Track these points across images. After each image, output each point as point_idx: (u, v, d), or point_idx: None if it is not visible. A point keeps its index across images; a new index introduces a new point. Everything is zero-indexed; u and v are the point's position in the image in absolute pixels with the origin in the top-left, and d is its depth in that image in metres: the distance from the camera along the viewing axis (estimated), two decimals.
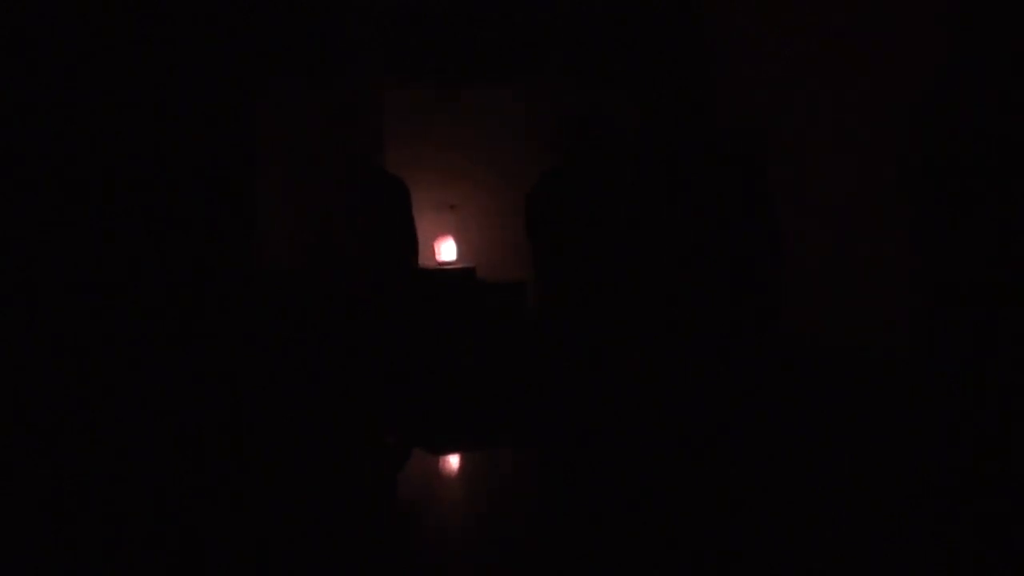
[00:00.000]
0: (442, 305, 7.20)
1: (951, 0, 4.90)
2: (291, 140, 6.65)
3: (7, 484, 4.41)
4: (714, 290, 5.97)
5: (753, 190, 5.85)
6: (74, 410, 4.69)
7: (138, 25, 4.95)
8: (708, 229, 5.98)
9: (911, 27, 6.75)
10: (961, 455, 4.66)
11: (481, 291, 7.40)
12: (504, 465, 5.71)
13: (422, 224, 6.44)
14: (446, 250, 7.50)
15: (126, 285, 4.92)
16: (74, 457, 4.66)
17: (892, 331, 6.77)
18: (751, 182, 5.90)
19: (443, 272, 7.42)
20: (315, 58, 6.76)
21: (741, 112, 6.81)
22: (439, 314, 7.09)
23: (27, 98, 4.70)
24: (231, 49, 5.33)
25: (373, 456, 5.49)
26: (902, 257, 6.83)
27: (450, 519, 4.93)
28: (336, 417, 5.71)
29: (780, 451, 5.48)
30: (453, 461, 5.66)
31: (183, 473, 4.83)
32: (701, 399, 5.81)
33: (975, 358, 4.67)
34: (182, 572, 4.18)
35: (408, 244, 5.84)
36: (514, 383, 6.15)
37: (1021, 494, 4.05)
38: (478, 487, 5.41)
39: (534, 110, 7.55)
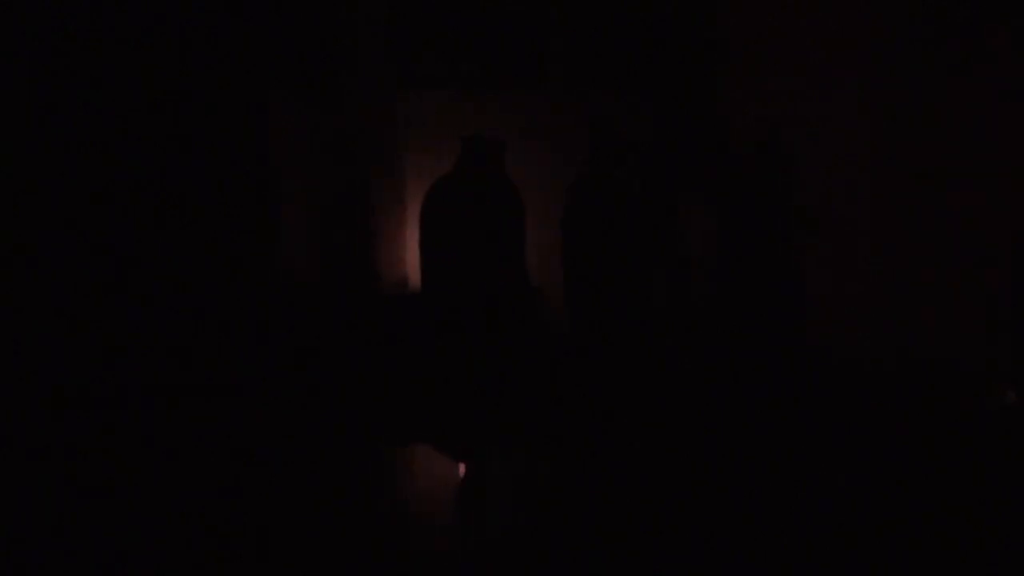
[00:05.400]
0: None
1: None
2: (308, 150, 6.68)
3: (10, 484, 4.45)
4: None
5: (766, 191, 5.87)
6: (85, 409, 4.73)
7: (156, 38, 5.01)
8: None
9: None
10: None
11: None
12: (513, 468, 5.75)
13: None
14: None
15: (148, 289, 4.98)
16: (80, 456, 4.70)
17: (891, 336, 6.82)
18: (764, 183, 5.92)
19: None
20: (325, 66, 6.80)
21: (751, 112, 6.84)
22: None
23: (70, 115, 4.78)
24: (244, 60, 5.38)
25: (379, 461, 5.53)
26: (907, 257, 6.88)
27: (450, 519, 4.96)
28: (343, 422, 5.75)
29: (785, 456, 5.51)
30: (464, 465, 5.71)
31: (189, 476, 4.88)
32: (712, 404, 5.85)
33: None
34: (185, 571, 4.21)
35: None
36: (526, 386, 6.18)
37: None
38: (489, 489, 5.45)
39: (559, 115, 7.53)
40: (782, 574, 4.15)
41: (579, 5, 7.49)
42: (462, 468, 5.53)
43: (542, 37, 7.55)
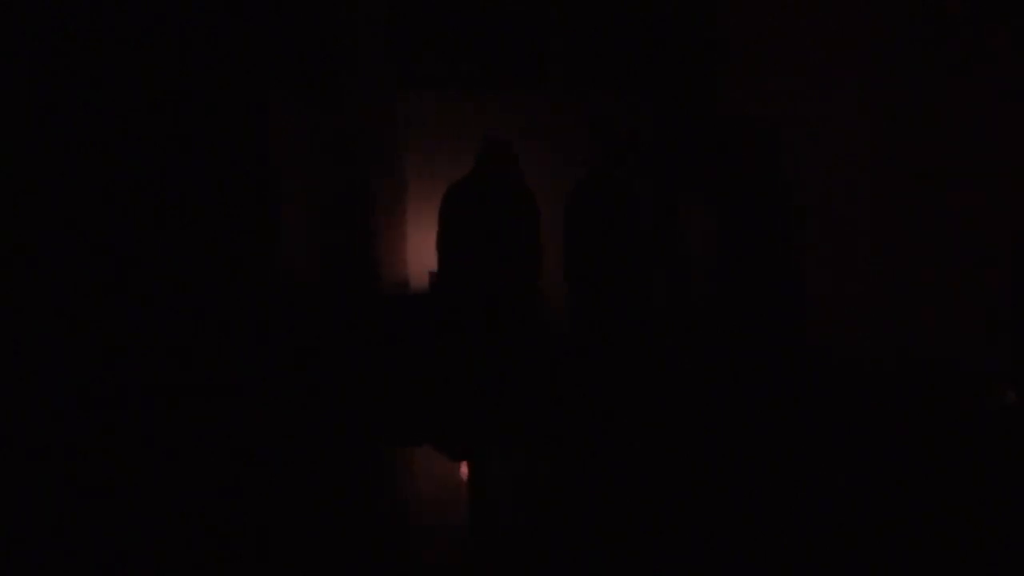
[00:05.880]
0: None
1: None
2: (308, 150, 6.68)
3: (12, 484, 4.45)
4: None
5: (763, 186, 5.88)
6: (85, 409, 4.73)
7: (157, 40, 5.02)
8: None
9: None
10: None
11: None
12: (514, 468, 5.75)
13: None
14: None
15: (148, 289, 4.98)
16: (80, 456, 4.70)
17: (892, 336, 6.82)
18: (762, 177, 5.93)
19: None
20: (325, 66, 6.80)
21: (751, 112, 6.84)
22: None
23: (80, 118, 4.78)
24: (244, 59, 5.38)
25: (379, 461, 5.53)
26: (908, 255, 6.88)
27: (454, 520, 4.96)
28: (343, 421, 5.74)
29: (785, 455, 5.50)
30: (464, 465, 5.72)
31: (189, 475, 4.87)
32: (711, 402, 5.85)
33: None
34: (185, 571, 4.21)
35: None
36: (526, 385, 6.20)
37: None
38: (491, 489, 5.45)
39: (559, 115, 7.54)
40: (782, 574, 4.15)
41: (579, 5, 7.49)
42: (463, 468, 5.53)
43: (542, 37, 7.55)
